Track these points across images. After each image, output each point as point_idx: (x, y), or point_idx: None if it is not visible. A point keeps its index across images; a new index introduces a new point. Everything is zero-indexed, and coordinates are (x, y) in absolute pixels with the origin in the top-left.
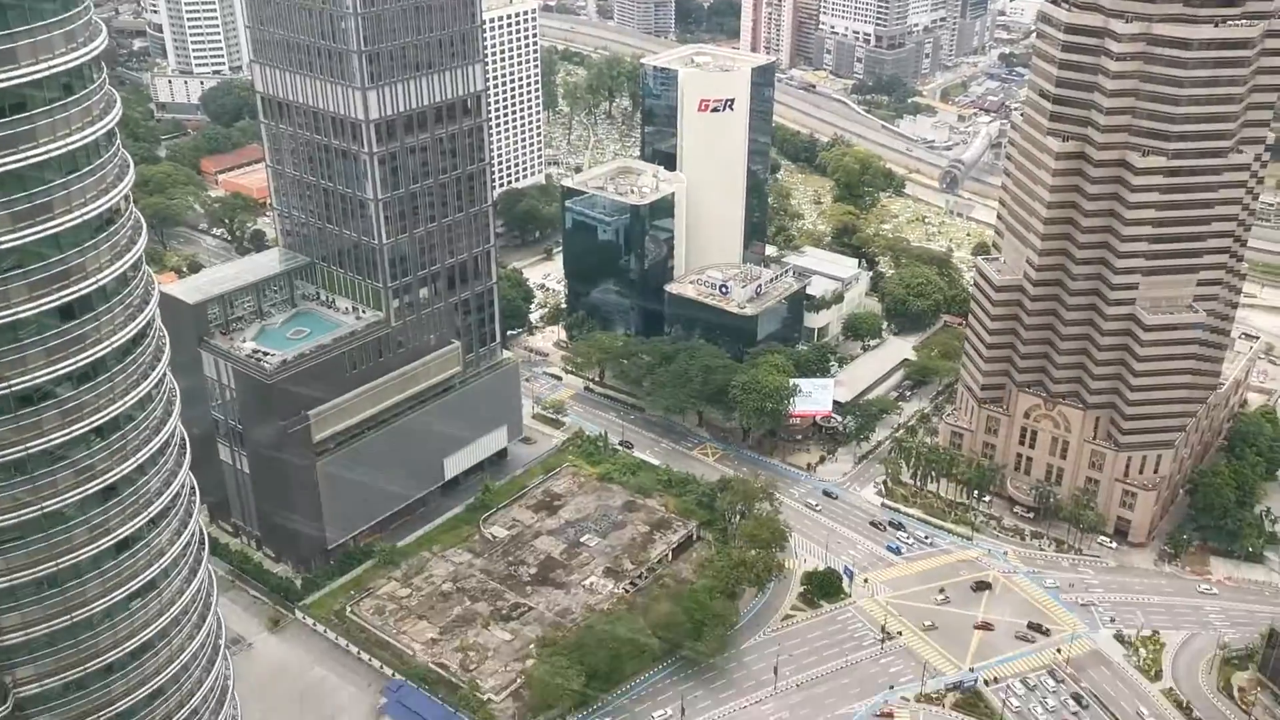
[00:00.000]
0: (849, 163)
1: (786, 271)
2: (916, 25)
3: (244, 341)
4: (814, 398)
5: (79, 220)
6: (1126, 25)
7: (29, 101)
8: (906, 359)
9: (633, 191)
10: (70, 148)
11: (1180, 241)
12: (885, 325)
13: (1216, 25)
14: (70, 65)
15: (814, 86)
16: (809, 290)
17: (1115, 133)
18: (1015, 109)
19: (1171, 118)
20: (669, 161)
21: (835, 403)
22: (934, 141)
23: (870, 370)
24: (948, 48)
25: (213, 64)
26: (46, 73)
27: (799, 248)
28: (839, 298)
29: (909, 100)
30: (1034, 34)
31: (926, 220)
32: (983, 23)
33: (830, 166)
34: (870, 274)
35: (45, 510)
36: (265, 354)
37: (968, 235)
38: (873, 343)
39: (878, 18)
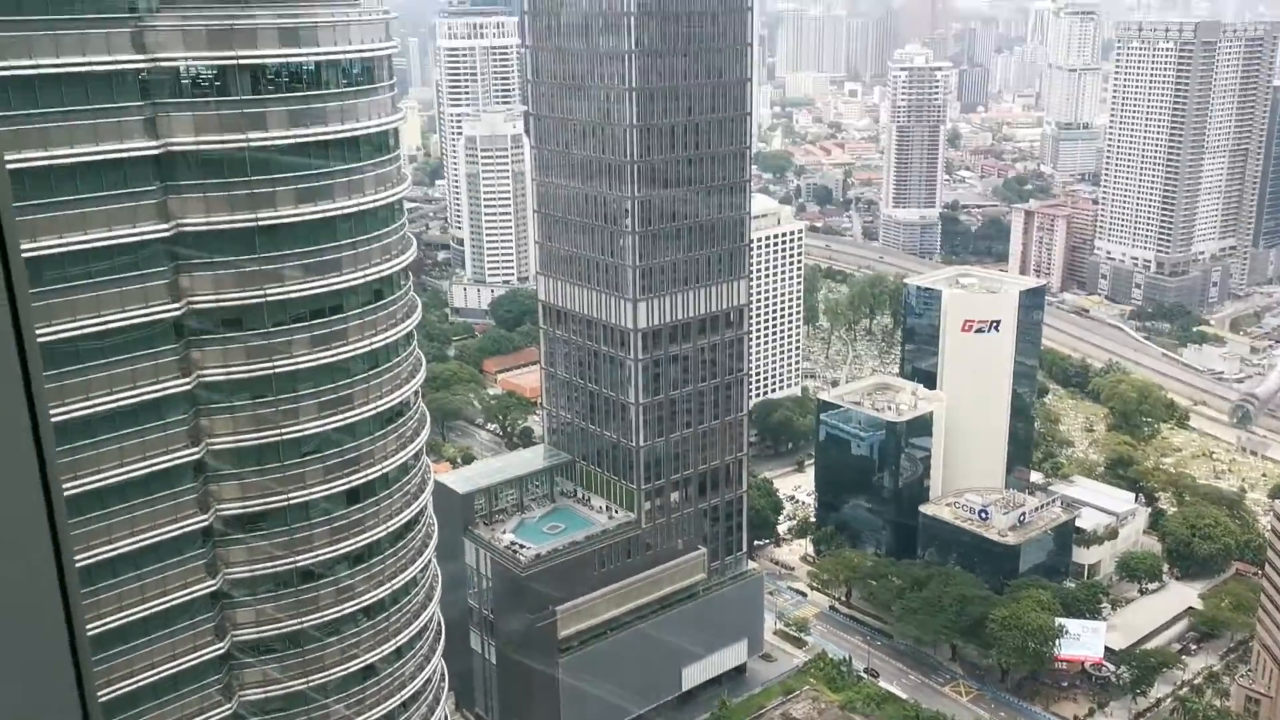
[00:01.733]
0: (1125, 390)
1: (1054, 500)
2: (1202, 253)
3: (504, 533)
4: (1083, 641)
5: (374, 412)
6: None
7: (345, 304)
8: (1191, 608)
9: (890, 408)
10: (374, 346)
11: None
12: (1166, 568)
13: None
14: (383, 275)
15: (1087, 311)
16: (1079, 522)
17: None
18: None
19: None
20: (929, 380)
21: (1107, 649)
22: (1223, 373)
23: (1148, 616)
24: (1238, 276)
25: (503, 274)
26: (362, 280)
27: (1068, 476)
28: (1113, 533)
29: (1193, 329)
30: None
31: (1214, 456)
32: (1277, 252)
33: (1104, 393)
34: (1149, 510)
35: (310, 684)
36: (522, 546)
37: (1263, 475)
38: (1151, 586)
39: (1159, 244)
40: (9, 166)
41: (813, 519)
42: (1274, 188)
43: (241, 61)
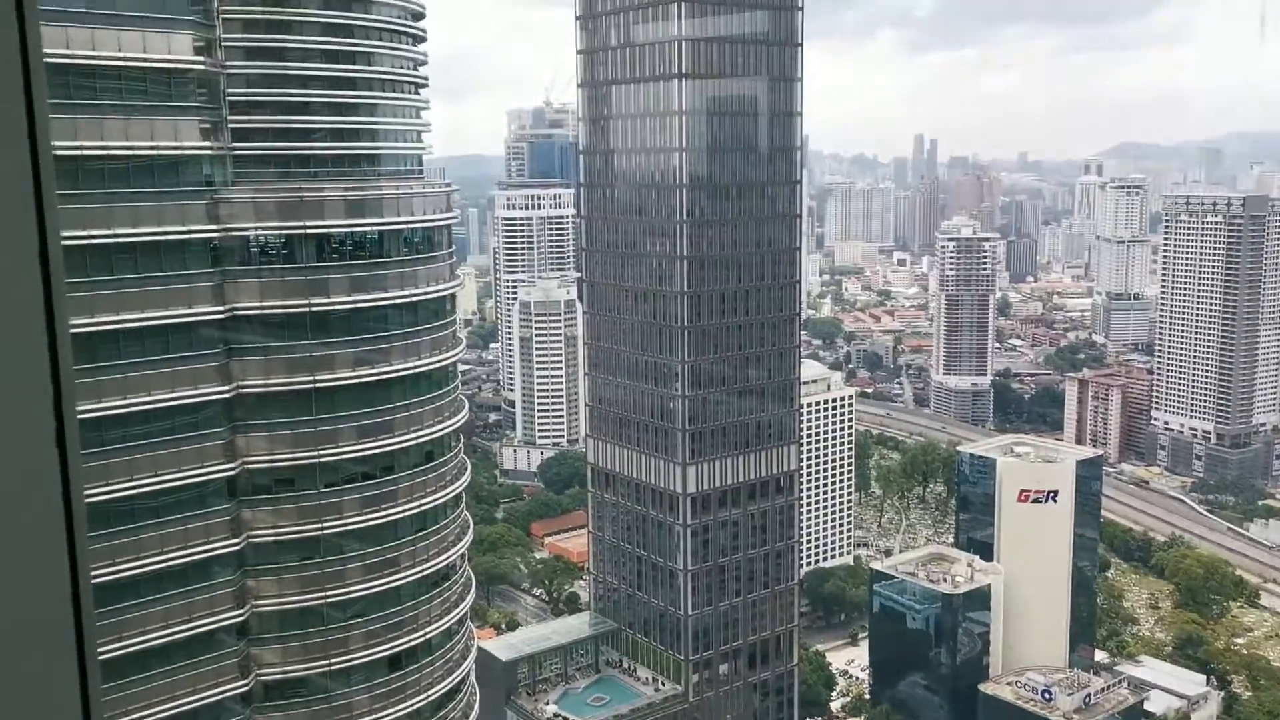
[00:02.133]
0: (1190, 566)
1: (1120, 682)
2: (1264, 425)
3: (547, 704)
4: None
5: (420, 575)
6: None
7: (396, 465)
8: None
9: (946, 579)
10: (424, 508)
11: None
12: None
13: None
14: (435, 436)
15: (1147, 483)
16: (1147, 706)
17: None
18: None
19: None
20: (985, 551)
21: None
22: None
23: None
24: None
25: (553, 436)
26: (415, 442)
27: (1134, 656)
28: (1185, 717)
29: (1259, 503)
30: None
31: None
32: None
33: (1169, 569)
34: (1222, 695)
35: None
36: (565, 719)
37: None
38: None
39: (1218, 415)
40: (83, 330)
41: (867, 696)
42: None
43: (309, 231)
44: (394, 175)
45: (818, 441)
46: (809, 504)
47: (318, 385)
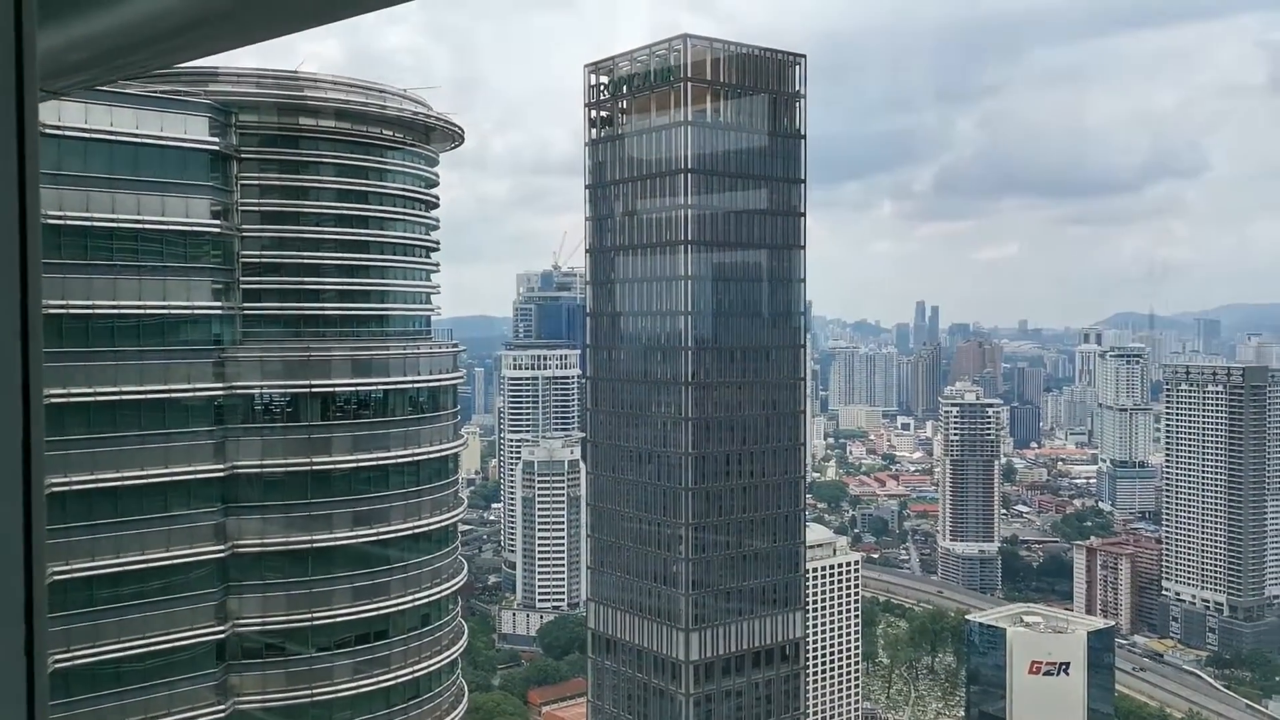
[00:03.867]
0: None
1: None
2: (1277, 597)
3: None
4: None
5: None
6: None
7: (391, 629)
8: None
9: None
10: (417, 674)
11: None
12: None
13: None
14: (432, 599)
15: (1161, 656)
16: None
17: None
18: None
19: None
20: None
21: None
22: None
23: None
24: None
25: (554, 600)
26: (411, 605)
27: None
28: None
29: (1277, 678)
30: None
31: None
32: None
33: None
34: None
35: None
36: None
37: None
38: None
39: (1230, 587)
40: (81, 487)
41: None
42: None
43: (314, 390)
44: (402, 335)
45: (824, 608)
46: (815, 673)
47: (315, 545)
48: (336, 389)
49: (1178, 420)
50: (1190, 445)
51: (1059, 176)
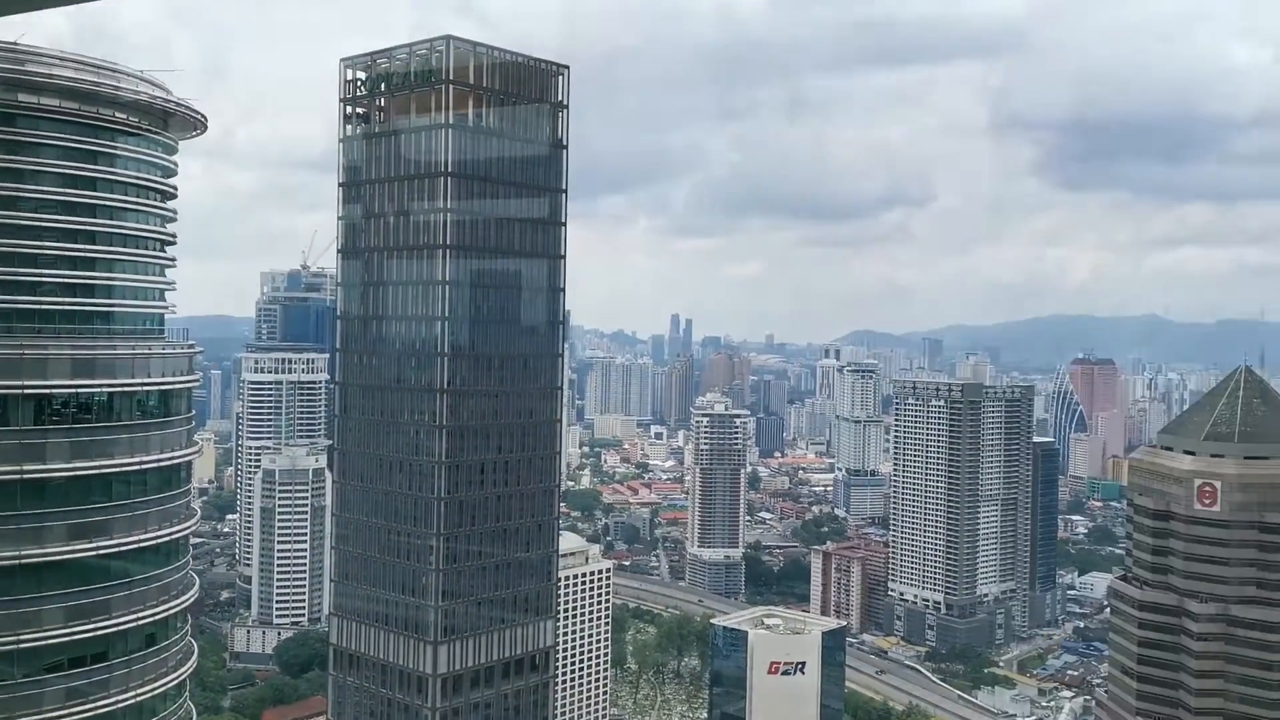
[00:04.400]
0: None
1: None
2: (986, 595)
3: None
4: None
5: None
6: (1203, 606)
7: (111, 651)
8: None
9: None
10: (141, 699)
11: None
12: None
13: None
14: (159, 618)
15: (886, 652)
16: None
17: (1210, 716)
18: (1098, 685)
19: (1269, 703)
20: None
21: None
22: (1015, 716)
23: None
24: (1020, 619)
25: (293, 615)
26: (134, 625)
27: None
28: None
29: (985, 670)
30: (1107, 609)
31: None
32: (1053, 596)
33: None
34: None
35: None
36: None
37: None
38: None
39: (946, 586)
40: None
41: None
42: (1043, 536)
43: (27, 392)
44: (131, 334)
45: (575, 616)
46: (565, 682)
47: (23, 561)
48: (54, 390)
49: (905, 432)
50: (915, 455)
51: (803, 200)
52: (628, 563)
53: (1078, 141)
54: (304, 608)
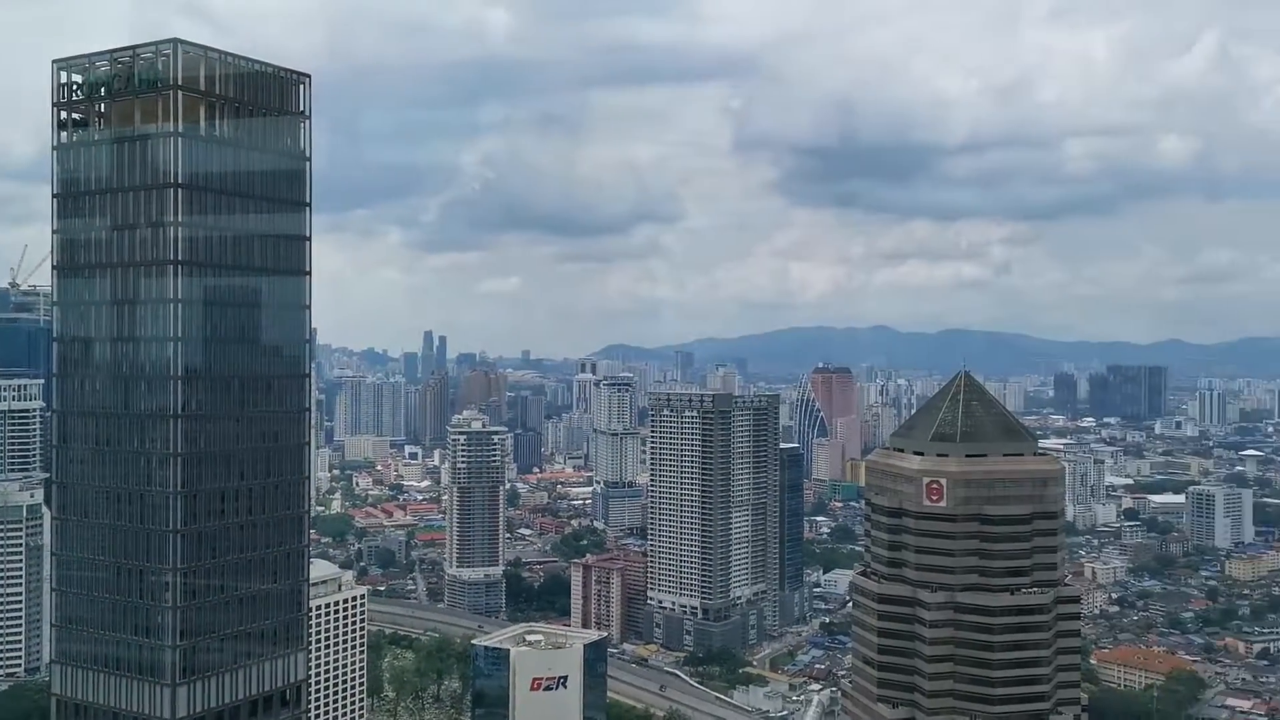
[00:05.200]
0: None
1: None
2: (739, 598)
3: None
4: None
5: None
6: (933, 595)
7: None
8: None
9: None
10: None
11: None
12: None
13: (1012, 593)
14: None
15: (646, 660)
16: None
17: (941, 697)
18: (843, 676)
19: (990, 681)
20: None
21: None
22: (769, 712)
23: None
24: (771, 618)
25: (7, 666)
26: None
27: None
28: None
29: (740, 670)
30: (850, 604)
31: None
32: (801, 594)
33: None
34: None
35: None
36: None
37: None
38: None
39: (702, 591)
40: None
41: None
42: (790, 537)
43: None
44: None
45: (328, 646)
46: (318, 715)
47: None
48: None
49: (660, 443)
50: (670, 465)
51: (557, 216)
52: (383, 587)
53: (814, 162)
54: (20, 658)
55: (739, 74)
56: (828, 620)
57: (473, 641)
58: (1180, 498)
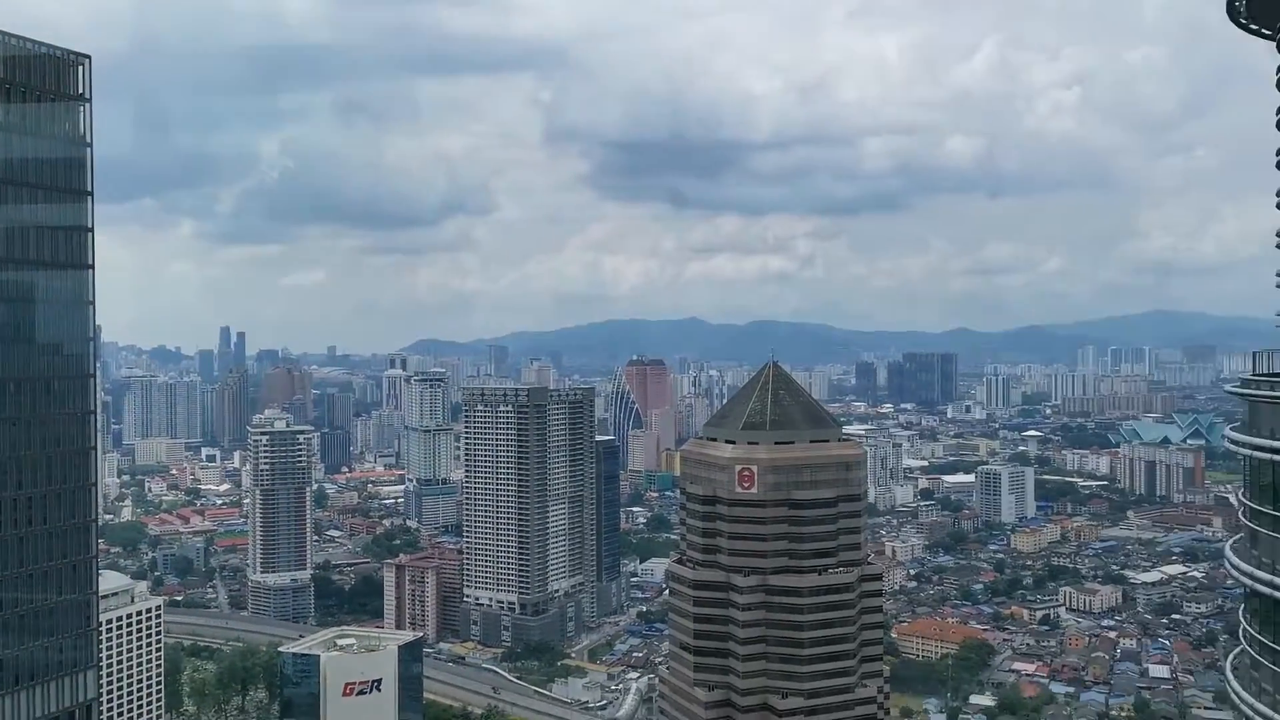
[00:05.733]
0: None
1: None
2: (557, 591)
3: None
4: None
5: None
6: (746, 579)
7: None
8: None
9: None
10: None
11: None
12: None
13: (820, 574)
14: None
15: (463, 658)
16: None
17: (754, 678)
18: (660, 663)
19: (800, 659)
20: None
21: None
22: (588, 703)
23: None
24: (589, 610)
25: None
26: None
27: None
28: None
29: (559, 663)
30: (666, 591)
31: None
32: (618, 584)
33: None
34: None
35: None
36: None
37: None
38: None
39: (520, 586)
40: None
41: None
42: (608, 528)
43: None
44: None
45: (122, 662)
46: None
47: None
48: None
49: (475, 438)
50: (485, 461)
51: (363, 207)
52: (180, 597)
53: (624, 156)
54: None
55: (548, 66)
56: (645, 609)
57: (280, 649)
58: (970, 477)
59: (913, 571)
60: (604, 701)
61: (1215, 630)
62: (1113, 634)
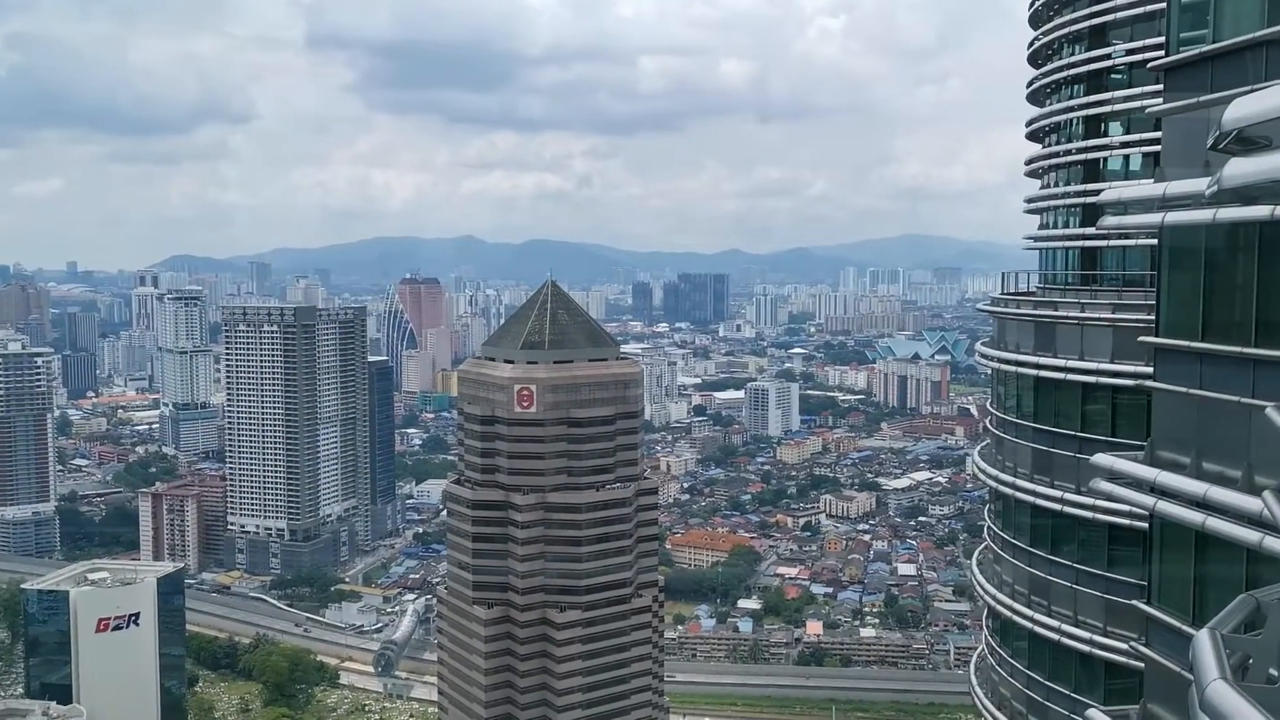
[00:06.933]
0: (276, 662)
1: None
2: (330, 515)
3: None
4: None
5: None
6: (525, 497)
7: None
8: None
9: None
10: None
11: (610, 687)
12: None
13: (598, 490)
14: None
15: (229, 588)
16: None
17: (533, 594)
18: (438, 583)
19: (578, 574)
20: (63, 694)
21: None
22: (363, 626)
23: None
24: (364, 533)
25: None
26: None
27: None
28: None
29: (332, 589)
30: (444, 512)
31: (367, 709)
32: (393, 507)
33: (256, 668)
34: None
35: None
36: None
37: (411, 716)
38: None
39: (289, 512)
40: None
41: None
42: (382, 451)
43: None
44: None
45: None
46: None
47: None
48: None
49: (237, 360)
50: (250, 384)
51: (107, 111)
52: None
53: (394, 66)
54: None
55: None
56: (422, 530)
57: (23, 586)
58: (740, 394)
59: (686, 485)
60: (380, 624)
61: (956, 530)
62: (867, 537)
